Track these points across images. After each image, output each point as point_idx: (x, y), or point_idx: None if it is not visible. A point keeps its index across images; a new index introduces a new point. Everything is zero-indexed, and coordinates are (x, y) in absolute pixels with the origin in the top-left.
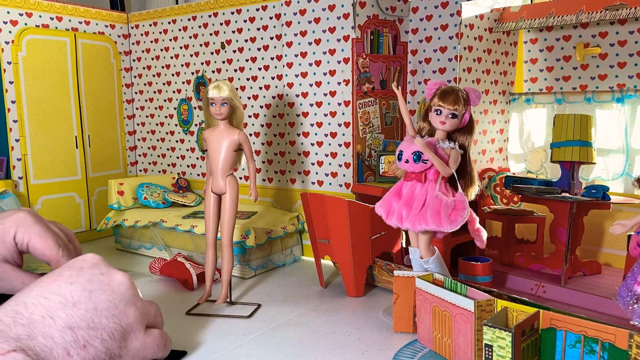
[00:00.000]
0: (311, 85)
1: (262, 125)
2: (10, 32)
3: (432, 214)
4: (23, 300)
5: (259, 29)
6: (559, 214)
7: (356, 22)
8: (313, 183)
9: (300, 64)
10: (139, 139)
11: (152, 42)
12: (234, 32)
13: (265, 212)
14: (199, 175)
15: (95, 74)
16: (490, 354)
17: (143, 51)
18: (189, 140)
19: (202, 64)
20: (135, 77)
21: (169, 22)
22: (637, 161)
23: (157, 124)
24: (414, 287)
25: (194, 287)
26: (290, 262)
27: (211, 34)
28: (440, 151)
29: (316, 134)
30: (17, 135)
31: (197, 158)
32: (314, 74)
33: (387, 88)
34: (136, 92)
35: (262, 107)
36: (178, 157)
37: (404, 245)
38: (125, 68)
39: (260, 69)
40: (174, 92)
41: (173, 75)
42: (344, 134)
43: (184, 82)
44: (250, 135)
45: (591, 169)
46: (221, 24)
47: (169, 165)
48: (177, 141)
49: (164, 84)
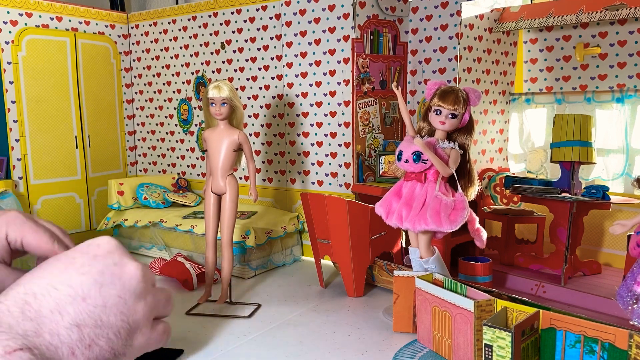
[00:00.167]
0: (311, 85)
1: (262, 125)
2: (10, 32)
3: (432, 214)
4: (33, 289)
5: (259, 29)
6: (559, 214)
7: (356, 22)
8: (313, 183)
9: (300, 64)
10: (139, 139)
11: (152, 42)
12: (234, 32)
13: (265, 212)
14: (199, 175)
15: (95, 74)
16: (490, 354)
17: (143, 51)
18: (189, 140)
19: (202, 64)
20: (135, 77)
21: (169, 22)
22: (637, 161)
23: (157, 124)
24: (414, 287)
25: (194, 287)
26: (290, 262)
27: (211, 34)
28: (440, 151)
29: (316, 134)
30: (17, 135)
31: (197, 158)
32: (314, 74)
33: (387, 88)
34: (136, 92)
35: (262, 107)
36: (178, 157)
37: (404, 245)
38: (125, 68)
39: (260, 69)
40: (174, 92)
41: (173, 75)
42: (344, 134)
43: (184, 82)
44: (250, 135)
45: (591, 169)
46: (221, 24)
47: (169, 165)
48: (177, 141)
49: (164, 84)
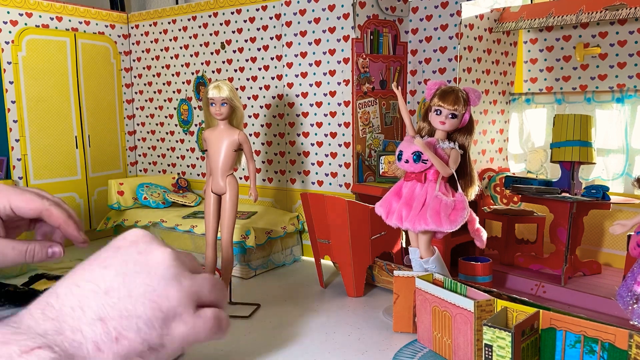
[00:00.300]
0: (311, 85)
1: (262, 125)
2: (10, 32)
3: (432, 214)
4: (56, 290)
5: (259, 29)
6: (559, 214)
7: (356, 22)
8: (313, 183)
9: (300, 64)
10: (139, 139)
11: (152, 42)
12: (234, 32)
13: (265, 212)
14: (199, 175)
15: (95, 74)
16: (490, 354)
17: (143, 51)
18: (189, 140)
19: (202, 64)
20: (135, 77)
21: (169, 22)
22: (637, 161)
23: (157, 124)
24: (414, 287)
25: None
26: (290, 262)
27: (211, 34)
28: (440, 151)
29: (316, 134)
30: (17, 135)
31: (197, 158)
32: (314, 74)
33: (387, 88)
34: (136, 92)
35: (262, 107)
36: (178, 157)
37: (404, 245)
38: (125, 68)
39: (260, 69)
40: (174, 92)
41: (173, 75)
42: (344, 134)
43: (184, 82)
44: (250, 135)
45: (591, 169)
46: (221, 24)
47: (169, 165)
48: (177, 141)
49: (164, 84)
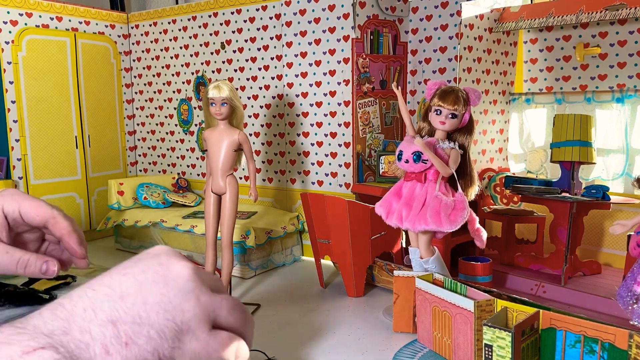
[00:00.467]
0: (311, 85)
1: (262, 125)
2: (10, 32)
3: (432, 214)
4: (71, 293)
5: (259, 29)
6: (559, 214)
7: (356, 22)
8: (313, 183)
9: (300, 64)
10: (139, 139)
11: (152, 42)
12: (234, 32)
13: (265, 212)
14: (199, 175)
15: (95, 74)
16: (490, 353)
17: (143, 51)
18: (189, 140)
19: (202, 64)
20: (135, 77)
21: (169, 22)
22: (637, 161)
23: (157, 124)
24: (414, 287)
25: None
26: (290, 262)
27: (211, 34)
28: (440, 151)
29: (316, 134)
30: (17, 135)
31: (197, 158)
32: (314, 74)
33: (387, 88)
34: (136, 92)
35: (262, 107)
36: (178, 157)
37: (404, 245)
38: (125, 68)
39: (260, 69)
40: (174, 92)
41: (173, 75)
42: (344, 134)
43: (184, 82)
44: (250, 135)
45: (591, 169)
46: (221, 24)
47: (169, 165)
48: (177, 141)
49: (164, 84)
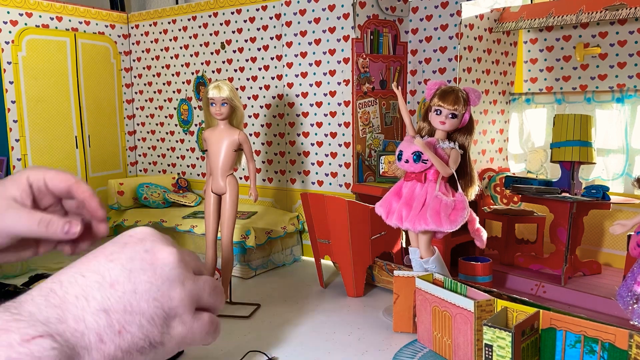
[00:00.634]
0: (311, 85)
1: (262, 125)
2: (10, 32)
3: (432, 214)
4: (60, 277)
5: (259, 29)
6: (559, 214)
7: (356, 22)
8: (313, 183)
9: (300, 64)
10: (139, 139)
11: (152, 42)
12: (234, 32)
13: (265, 212)
14: (199, 175)
15: (95, 74)
16: (490, 353)
17: (143, 51)
18: (189, 140)
19: (202, 64)
20: (135, 77)
21: (169, 22)
22: (637, 161)
23: (157, 124)
24: (414, 287)
25: None
26: (290, 262)
27: (211, 34)
28: (440, 151)
29: (316, 134)
30: (17, 135)
31: (197, 158)
32: (314, 74)
33: (387, 88)
34: (136, 92)
35: (262, 107)
36: (178, 157)
37: (404, 245)
38: (125, 68)
39: (260, 69)
40: (174, 92)
41: (173, 75)
42: (344, 134)
43: (184, 82)
44: (250, 135)
45: (591, 169)
46: (221, 24)
47: (169, 165)
48: (177, 141)
49: (164, 84)
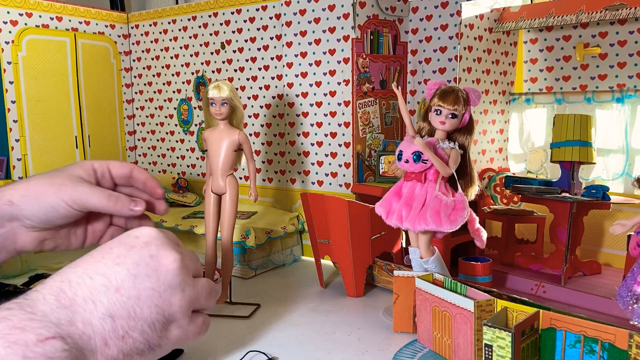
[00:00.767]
0: (311, 85)
1: (262, 125)
2: (10, 32)
3: (432, 214)
4: (69, 277)
5: (259, 29)
6: (559, 214)
7: (356, 22)
8: (313, 183)
9: (300, 64)
10: (139, 139)
11: (152, 42)
12: (234, 32)
13: (265, 212)
14: (199, 175)
15: (95, 74)
16: (490, 354)
17: (143, 51)
18: (189, 140)
19: (202, 64)
20: (135, 77)
21: (169, 22)
22: (637, 161)
23: (157, 124)
24: (414, 287)
25: None
26: (290, 262)
27: (211, 34)
28: (440, 151)
29: (316, 134)
30: (17, 135)
31: (197, 158)
32: (314, 74)
33: (387, 88)
34: (136, 92)
35: (262, 107)
36: (178, 157)
37: (404, 245)
38: (125, 68)
39: (260, 69)
40: (174, 92)
41: (173, 75)
42: (344, 134)
43: (184, 82)
44: (250, 135)
45: (591, 169)
46: (221, 24)
47: (169, 165)
48: (177, 141)
49: (164, 84)
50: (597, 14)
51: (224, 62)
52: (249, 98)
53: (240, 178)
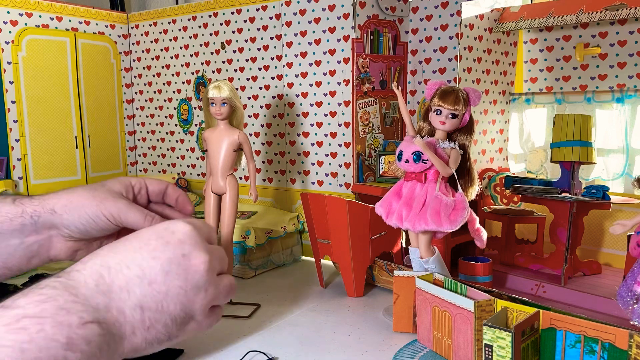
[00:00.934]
0: (311, 85)
1: (262, 125)
2: (10, 32)
3: (432, 214)
4: (108, 262)
5: (259, 29)
6: (559, 214)
7: (356, 22)
8: (313, 183)
9: (300, 64)
10: (139, 139)
11: (152, 42)
12: (234, 32)
13: (265, 212)
14: (199, 175)
15: (95, 74)
16: (490, 354)
17: (143, 51)
18: (189, 140)
19: (202, 64)
20: (135, 77)
21: (169, 22)
22: (637, 161)
23: (157, 124)
24: (414, 287)
25: None
26: (290, 262)
27: (211, 34)
28: (440, 151)
29: (316, 134)
30: (17, 135)
31: (197, 158)
32: (314, 74)
33: (387, 88)
34: (136, 92)
35: (262, 107)
36: (178, 157)
37: (404, 245)
38: (125, 68)
39: (260, 69)
40: (174, 92)
41: (173, 75)
42: (344, 134)
43: (184, 82)
44: (250, 135)
45: (591, 169)
46: (221, 24)
47: (169, 165)
48: (177, 141)
49: (164, 84)
50: (597, 14)
51: (224, 62)
52: (249, 98)
53: (240, 178)
